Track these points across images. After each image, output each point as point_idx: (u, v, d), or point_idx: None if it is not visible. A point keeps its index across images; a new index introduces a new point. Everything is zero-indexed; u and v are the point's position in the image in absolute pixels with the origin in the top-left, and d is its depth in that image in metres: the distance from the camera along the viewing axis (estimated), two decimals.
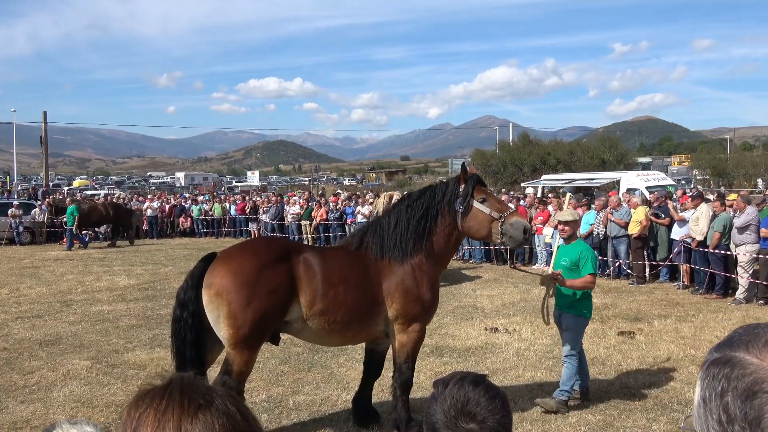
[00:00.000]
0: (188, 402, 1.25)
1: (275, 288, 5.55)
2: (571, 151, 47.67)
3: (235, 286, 5.46)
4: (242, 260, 5.64)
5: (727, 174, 44.24)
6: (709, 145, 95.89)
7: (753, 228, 12.86)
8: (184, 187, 79.71)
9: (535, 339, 9.99)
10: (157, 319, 11.88)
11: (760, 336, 1.15)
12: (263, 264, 5.61)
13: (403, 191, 40.76)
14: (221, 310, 5.45)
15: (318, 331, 5.85)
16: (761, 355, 1.11)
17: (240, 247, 6.00)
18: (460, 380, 1.58)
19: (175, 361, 5.74)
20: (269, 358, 9.07)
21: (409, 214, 6.22)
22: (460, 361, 8.89)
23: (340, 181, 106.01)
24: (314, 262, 5.81)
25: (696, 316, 11.64)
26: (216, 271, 5.58)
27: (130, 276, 17.41)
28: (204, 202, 32.71)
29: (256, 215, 28.82)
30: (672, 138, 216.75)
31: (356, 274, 5.96)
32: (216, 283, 5.50)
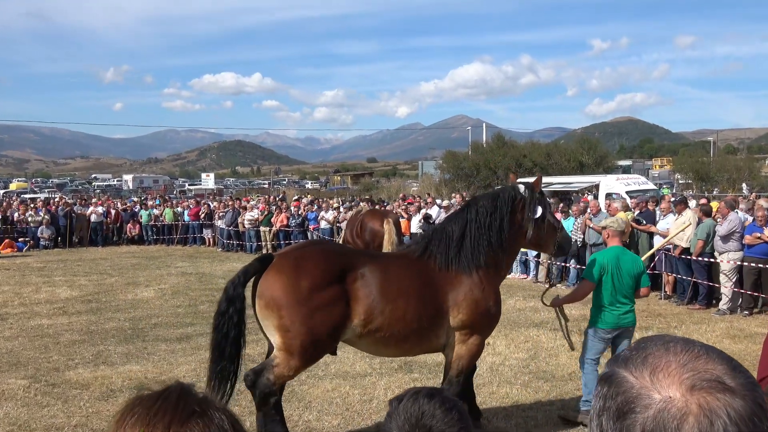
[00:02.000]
0: (182, 407, 1.29)
1: (328, 309, 5.76)
2: (548, 153, 48.17)
3: (286, 302, 5.73)
4: (296, 276, 5.82)
5: (710, 178, 45.08)
6: (692, 147, 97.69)
7: (736, 235, 13.12)
8: (133, 190, 78.77)
9: (510, 353, 10.06)
10: (101, 334, 11.71)
11: (642, 351, 1.16)
12: (317, 284, 5.78)
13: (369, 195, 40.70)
14: (271, 321, 5.80)
15: (374, 344, 6.15)
16: (637, 372, 1.12)
17: (294, 258, 6.06)
18: (414, 394, 1.61)
19: (213, 354, 5.98)
20: None
21: (478, 222, 6.40)
22: (430, 377, 8.92)
23: (302, 185, 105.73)
24: (371, 276, 5.97)
25: (678, 328, 11.84)
26: (269, 281, 5.85)
27: (73, 287, 17.14)
28: (154, 206, 32.35)
29: (211, 221, 28.61)
30: (653, 140, 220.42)
31: (418, 285, 6.13)
32: (267, 295, 5.82)
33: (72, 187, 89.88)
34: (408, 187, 57.92)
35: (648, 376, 1.10)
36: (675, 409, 1.04)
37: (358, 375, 8.99)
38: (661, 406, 1.06)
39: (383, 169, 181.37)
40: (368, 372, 9.13)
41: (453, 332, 6.28)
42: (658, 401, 1.06)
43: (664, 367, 1.10)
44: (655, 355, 1.13)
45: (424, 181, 55.95)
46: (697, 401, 1.04)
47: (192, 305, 14.53)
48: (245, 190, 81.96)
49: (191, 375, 9.05)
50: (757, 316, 12.91)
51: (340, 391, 8.27)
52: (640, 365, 1.12)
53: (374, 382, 8.68)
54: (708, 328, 11.87)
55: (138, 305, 14.65)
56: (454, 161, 50.71)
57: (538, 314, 12.94)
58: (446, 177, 50.48)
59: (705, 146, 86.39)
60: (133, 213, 31.08)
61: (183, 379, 8.81)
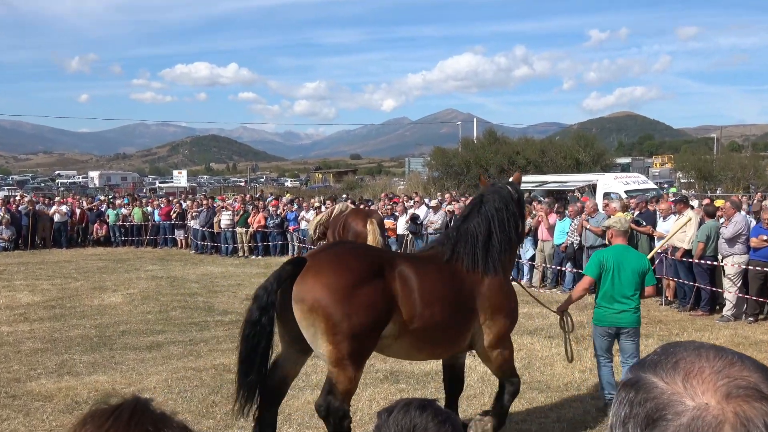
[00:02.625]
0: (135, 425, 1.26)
1: (372, 304, 5.83)
2: (542, 150, 48.32)
3: (331, 301, 5.71)
4: (336, 274, 5.87)
5: (714, 177, 45.37)
6: (694, 144, 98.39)
7: (742, 238, 13.19)
8: (99, 188, 78.34)
9: None
10: (66, 342, 11.64)
11: (672, 356, 1.16)
12: (358, 279, 5.87)
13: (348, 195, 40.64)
14: (318, 326, 5.72)
15: (408, 348, 6.30)
16: (668, 378, 1.11)
17: (330, 257, 6.17)
18: (405, 406, 1.59)
19: (242, 367, 5.94)
20: (198, 386, 8.97)
21: (496, 221, 6.66)
22: (417, 387, 8.92)
23: (281, 183, 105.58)
24: (411, 277, 6.10)
25: (680, 336, 11.91)
26: (308, 283, 5.81)
27: (35, 292, 17.01)
28: (122, 205, 32.18)
29: (184, 221, 28.49)
30: (653, 136, 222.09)
31: (451, 290, 6.33)
32: (309, 298, 5.75)
33: (34, 185, 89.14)
34: (394, 185, 57.91)
35: (680, 381, 1.10)
36: (710, 416, 1.04)
37: None
38: (695, 414, 1.05)
39: (368, 167, 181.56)
40: None
41: (480, 335, 6.54)
42: (692, 408, 1.06)
43: (698, 373, 1.10)
44: (687, 361, 1.13)
45: (411, 179, 56.00)
46: (733, 409, 1.04)
47: (163, 311, 14.46)
48: (220, 188, 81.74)
49: (162, 386, 9.01)
50: (763, 322, 13.00)
51: None
52: (671, 370, 1.12)
53: (358, 393, 8.63)
54: (711, 335, 11.95)
55: (105, 311, 14.55)
56: (443, 158, 50.82)
57: (532, 321, 12.97)
58: (435, 175, 50.58)
59: (708, 143, 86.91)
60: (99, 212, 30.88)
61: (153, 390, 8.83)
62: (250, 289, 17.09)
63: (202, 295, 16.58)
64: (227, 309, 14.68)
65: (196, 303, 15.47)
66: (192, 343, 11.51)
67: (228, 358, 10.46)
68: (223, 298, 16.15)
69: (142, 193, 56.46)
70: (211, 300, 15.85)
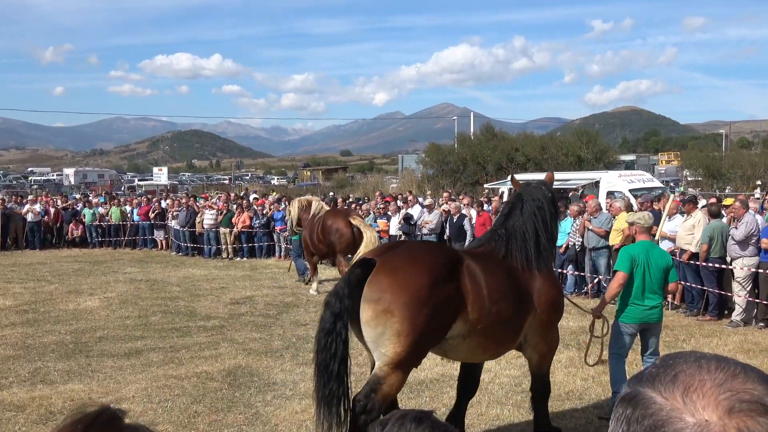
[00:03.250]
0: None
1: (446, 305, 5.99)
2: (542, 146, 48.41)
3: (408, 302, 5.82)
4: (413, 273, 5.99)
5: (722, 175, 45.50)
6: (702, 141, 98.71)
7: (753, 239, 13.20)
8: (75, 186, 78.02)
9: (501, 370, 10.09)
10: (39, 349, 11.60)
11: (670, 369, 1.14)
12: (435, 279, 5.99)
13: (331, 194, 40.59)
14: (388, 327, 5.82)
15: (474, 348, 6.49)
16: (666, 392, 1.10)
17: (403, 256, 6.27)
18: (400, 418, 1.55)
19: (320, 378, 6.01)
20: (180, 395, 8.95)
21: (539, 220, 7.06)
22: (411, 396, 8.93)
23: (267, 180, 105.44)
24: (478, 274, 6.32)
25: (687, 342, 11.95)
26: (383, 284, 5.90)
27: (6, 296, 16.97)
28: (99, 204, 32.08)
29: (164, 221, 28.44)
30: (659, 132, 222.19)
31: (512, 286, 6.62)
32: (385, 298, 5.84)
33: (5, 183, 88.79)
34: (387, 183, 57.97)
35: (679, 396, 1.08)
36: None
37: None
38: (695, 431, 1.04)
39: (359, 164, 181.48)
40: None
41: (532, 330, 6.85)
42: (692, 425, 1.05)
43: (698, 386, 1.09)
44: (687, 374, 1.11)
45: (404, 176, 55.99)
46: (736, 425, 1.03)
47: (142, 316, 14.43)
48: (203, 186, 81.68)
49: (141, 395, 8.99)
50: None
51: (310, 413, 8.20)
52: (670, 384, 1.11)
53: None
54: (720, 341, 11.99)
55: (81, 316, 14.51)
56: (438, 155, 50.86)
57: None
58: (429, 172, 50.61)
59: (716, 139, 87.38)
60: (75, 212, 30.75)
61: (131, 400, 8.82)
62: (234, 293, 17.15)
63: (184, 299, 16.55)
64: (210, 314, 14.67)
65: (177, 307, 15.44)
66: (173, 350, 11.49)
67: (211, 365, 10.47)
68: (206, 302, 16.12)
69: (120, 192, 56.35)
70: (194, 304, 15.82)
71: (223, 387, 9.37)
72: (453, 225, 19.27)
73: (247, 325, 13.57)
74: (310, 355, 10.94)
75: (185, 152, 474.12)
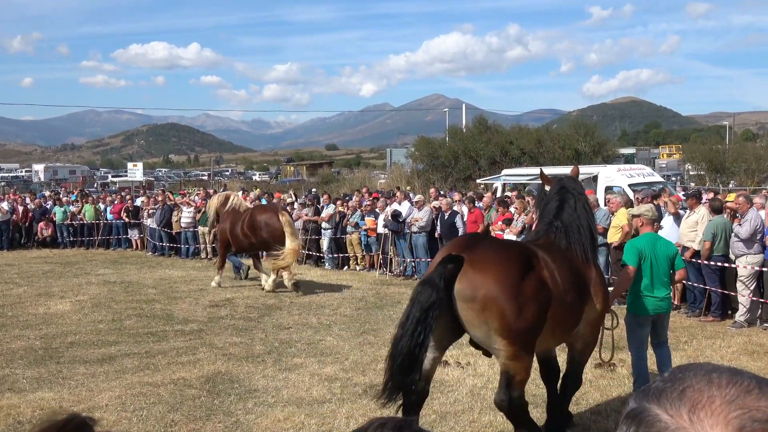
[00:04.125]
0: None
1: (538, 295, 6.57)
2: (538, 139, 48.41)
3: (505, 297, 6.39)
4: (503, 267, 6.55)
5: (726, 169, 45.66)
6: (705, 133, 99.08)
7: (757, 236, 13.25)
8: (45, 183, 77.69)
9: (494, 374, 10.08)
10: (7, 355, 11.56)
11: (678, 383, 1.11)
12: (522, 272, 6.58)
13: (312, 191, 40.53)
14: (492, 324, 6.41)
15: (547, 335, 6.90)
16: (672, 409, 1.07)
17: (487, 252, 6.79)
18: (380, 426, 1.55)
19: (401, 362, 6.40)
20: (155, 403, 8.94)
21: (589, 212, 7.83)
22: (400, 403, 8.92)
23: (248, 176, 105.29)
24: (551, 265, 6.91)
25: (689, 344, 12.00)
26: (476, 281, 6.44)
27: None
28: (70, 202, 31.97)
29: (139, 220, 28.34)
30: (660, 124, 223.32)
31: (576, 277, 7.17)
32: (482, 295, 6.40)
33: None
34: (374, 178, 57.89)
35: (686, 414, 1.05)
36: None
37: (315, 401, 8.99)
38: None
39: (345, 158, 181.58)
40: (327, 398, 9.14)
41: (584, 321, 7.36)
42: None
43: (707, 403, 1.05)
44: (695, 389, 1.08)
45: (393, 171, 55.93)
46: None
47: (116, 320, 14.39)
48: (180, 182, 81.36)
49: (115, 403, 8.97)
50: None
51: (294, 421, 8.26)
52: (677, 400, 1.08)
53: (334, 409, 8.69)
54: (723, 343, 12.05)
55: (51, 320, 14.47)
56: (429, 148, 50.78)
57: None
58: (419, 167, 50.57)
59: (720, 132, 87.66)
60: (45, 210, 30.65)
61: (105, 408, 8.80)
62: (214, 295, 17.13)
63: (160, 301, 16.52)
64: (188, 317, 14.64)
65: (153, 311, 15.41)
66: (148, 356, 11.46)
67: (189, 371, 10.45)
68: (184, 305, 16.09)
69: (92, 189, 56.14)
70: (171, 307, 15.79)
71: (201, 394, 9.35)
72: (444, 222, 19.27)
73: (227, 328, 13.55)
74: (293, 360, 11.01)
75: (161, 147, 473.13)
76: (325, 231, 22.32)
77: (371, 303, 16.06)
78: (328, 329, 13.38)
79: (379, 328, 13.35)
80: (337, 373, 10.33)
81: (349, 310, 15.21)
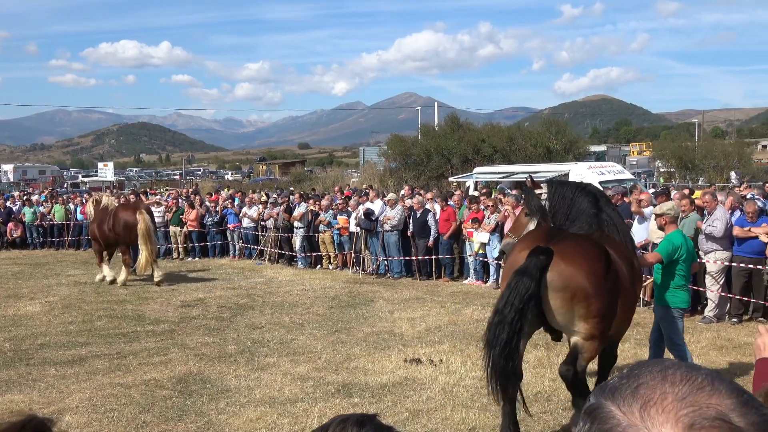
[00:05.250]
0: None
1: (615, 286, 7.22)
2: (510, 137, 48.59)
3: (593, 290, 7.01)
4: (589, 262, 7.12)
5: (695, 166, 46.10)
6: (675, 131, 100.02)
7: (726, 232, 13.40)
8: (14, 183, 76.89)
9: (466, 371, 10.17)
10: None
11: (633, 380, 1.11)
12: (605, 264, 7.16)
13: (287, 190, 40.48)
14: (578, 311, 7.05)
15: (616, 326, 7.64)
16: (625, 406, 1.07)
17: (573, 245, 7.33)
18: (341, 423, 1.56)
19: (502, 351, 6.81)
20: (127, 404, 8.89)
21: (612, 206, 8.45)
22: (373, 401, 8.95)
23: (220, 175, 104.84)
24: (617, 258, 7.42)
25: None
26: (567, 273, 7.01)
27: None
28: (40, 203, 31.69)
29: None
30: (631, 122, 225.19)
31: (632, 267, 7.77)
32: (572, 286, 7.00)
33: None
34: (347, 177, 57.88)
35: (637, 411, 1.05)
36: None
37: (288, 401, 8.99)
38: None
39: (318, 157, 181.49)
40: (299, 397, 9.13)
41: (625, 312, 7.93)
42: None
43: (659, 400, 1.05)
44: (649, 386, 1.08)
45: (365, 170, 55.93)
46: None
47: (87, 321, 14.29)
48: (152, 181, 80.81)
49: (85, 405, 8.91)
50: (747, 323, 13.25)
51: (266, 421, 8.25)
52: (630, 397, 1.08)
53: (306, 408, 8.69)
54: (692, 338, 12.15)
55: (21, 322, 14.33)
56: (401, 147, 50.80)
57: None
58: (392, 165, 50.59)
59: (689, 129, 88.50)
60: (10, 211, 30.34)
61: (75, 410, 8.75)
62: (185, 295, 17.06)
63: (131, 302, 16.42)
64: (160, 318, 14.57)
65: (124, 311, 15.31)
66: (119, 357, 11.39)
67: (160, 372, 10.40)
68: (155, 305, 16.01)
69: (62, 189, 55.57)
70: (142, 308, 15.70)
71: (173, 395, 9.31)
72: (416, 221, 19.30)
73: (198, 328, 13.50)
74: (266, 360, 10.99)
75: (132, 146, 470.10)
76: (297, 230, 22.26)
77: (344, 302, 16.05)
78: (300, 328, 13.37)
79: (352, 327, 13.36)
80: (310, 372, 10.33)
81: (321, 309, 15.20)
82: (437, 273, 19.26)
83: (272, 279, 19.61)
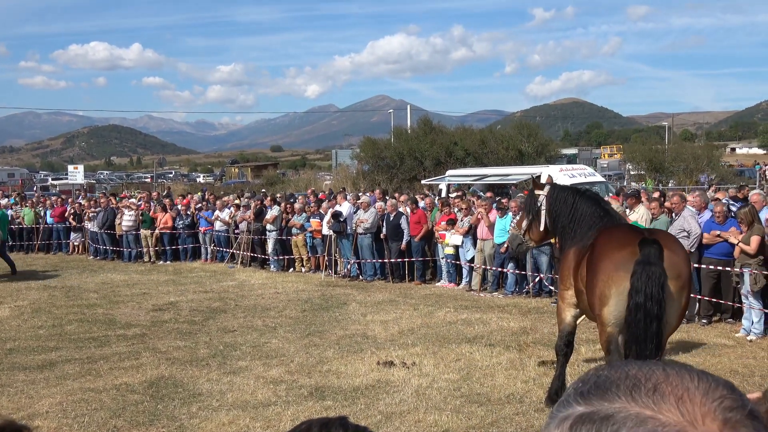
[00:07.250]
0: None
1: None
2: (482, 140, 48.87)
3: (690, 280, 7.66)
4: (685, 253, 7.78)
5: (665, 168, 46.61)
6: (645, 133, 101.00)
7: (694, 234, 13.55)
8: None
9: (439, 374, 10.19)
10: None
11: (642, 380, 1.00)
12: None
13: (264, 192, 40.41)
14: (682, 301, 7.39)
15: None
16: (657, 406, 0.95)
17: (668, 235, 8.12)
18: (306, 429, 1.54)
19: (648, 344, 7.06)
20: (97, 409, 8.82)
21: None
22: (345, 404, 8.95)
23: (192, 178, 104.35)
24: None
25: None
26: (677, 262, 7.33)
27: None
28: (9, 206, 31.36)
29: (81, 223, 27.91)
30: (602, 125, 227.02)
31: None
32: (685, 275, 7.43)
33: None
34: (320, 180, 57.85)
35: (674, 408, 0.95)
36: None
37: (260, 404, 8.96)
38: None
39: (290, 159, 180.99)
40: (272, 401, 9.11)
41: None
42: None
43: (691, 396, 0.96)
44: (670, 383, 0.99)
45: (338, 173, 55.93)
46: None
47: (57, 325, 14.16)
48: (122, 184, 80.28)
49: (56, 410, 8.83)
50: (717, 324, 13.38)
51: (239, 425, 8.22)
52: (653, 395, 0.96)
53: (279, 412, 8.66)
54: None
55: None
56: (374, 149, 50.91)
57: (471, 328, 13.14)
58: (365, 168, 50.66)
59: (659, 132, 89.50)
60: None
61: (45, 416, 8.68)
62: (157, 299, 16.97)
63: (102, 306, 16.30)
64: (131, 321, 14.47)
65: (95, 315, 15.20)
66: (90, 361, 11.30)
67: (131, 376, 10.33)
68: (126, 309, 15.90)
69: (32, 192, 55.01)
70: (113, 312, 15.59)
71: (144, 399, 9.25)
72: (389, 223, 19.32)
73: (170, 332, 13.42)
74: (238, 363, 10.96)
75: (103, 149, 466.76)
76: (270, 233, 22.20)
77: (317, 305, 16.03)
78: (273, 331, 13.33)
79: (325, 330, 13.35)
80: (283, 375, 10.30)
81: (294, 312, 15.18)
82: (410, 276, 19.28)
83: (245, 282, 19.52)
